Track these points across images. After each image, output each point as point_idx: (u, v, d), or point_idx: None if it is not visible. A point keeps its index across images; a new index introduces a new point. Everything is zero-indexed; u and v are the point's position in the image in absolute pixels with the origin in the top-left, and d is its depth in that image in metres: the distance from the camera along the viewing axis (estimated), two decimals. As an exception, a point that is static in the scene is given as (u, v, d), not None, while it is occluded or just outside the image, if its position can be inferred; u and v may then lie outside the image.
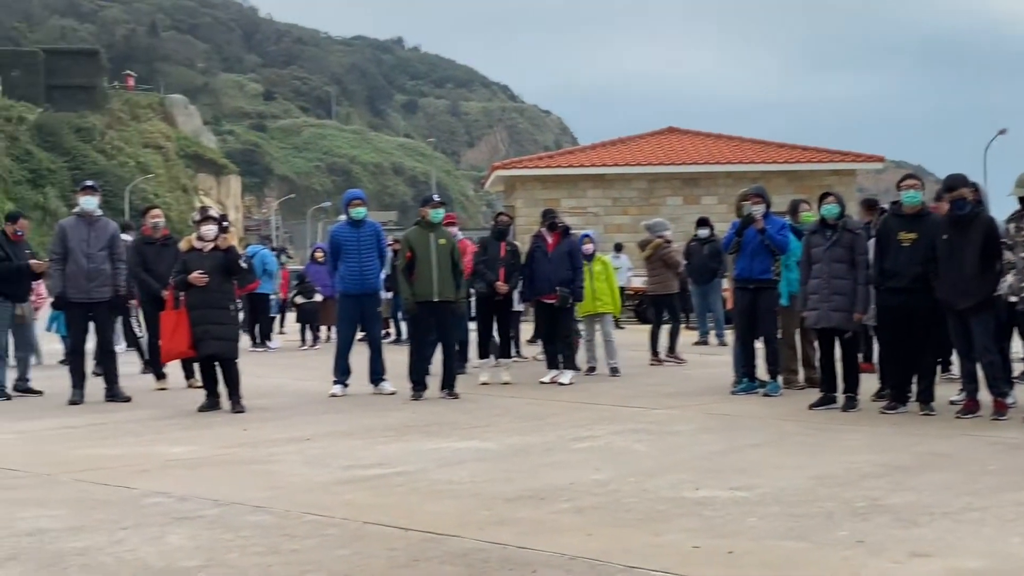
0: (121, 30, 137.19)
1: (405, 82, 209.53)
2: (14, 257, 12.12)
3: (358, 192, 12.53)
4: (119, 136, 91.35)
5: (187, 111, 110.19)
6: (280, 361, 17.05)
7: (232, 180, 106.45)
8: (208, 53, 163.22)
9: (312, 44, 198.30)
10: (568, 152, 35.27)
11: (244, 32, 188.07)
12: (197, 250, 10.75)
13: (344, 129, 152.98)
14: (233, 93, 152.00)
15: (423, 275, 11.35)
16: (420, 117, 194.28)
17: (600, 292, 13.63)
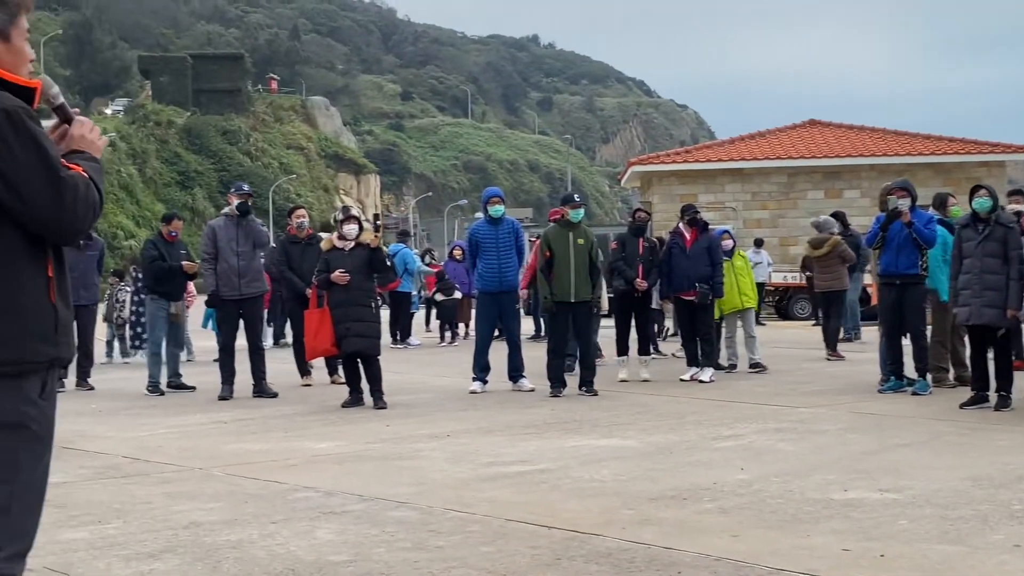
0: (264, 34, 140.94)
1: (540, 79, 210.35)
2: (169, 257, 12.59)
3: (496, 190, 12.59)
4: (263, 138, 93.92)
5: (328, 112, 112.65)
6: (420, 358, 17.27)
7: (371, 179, 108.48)
8: (348, 55, 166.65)
9: (448, 44, 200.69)
10: (706, 146, 34.89)
11: (383, 34, 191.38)
12: (339, 249, 10.95)
13: (480, 127, 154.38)
14: (372, 94, 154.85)
15: (561, 275, 11.37)
16: (555, 114, 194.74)
17: (743, 287, 13.53)
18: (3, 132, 2.89)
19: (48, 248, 3.02)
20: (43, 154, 2.92)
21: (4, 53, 3.06)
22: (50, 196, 2.91)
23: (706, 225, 12.94)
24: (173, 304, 12.85)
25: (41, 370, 3.01)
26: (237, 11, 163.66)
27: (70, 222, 2.97)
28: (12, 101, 2.94)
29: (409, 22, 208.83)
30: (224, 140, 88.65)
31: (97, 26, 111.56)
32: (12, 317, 2.94)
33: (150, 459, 7.82)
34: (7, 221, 2.92)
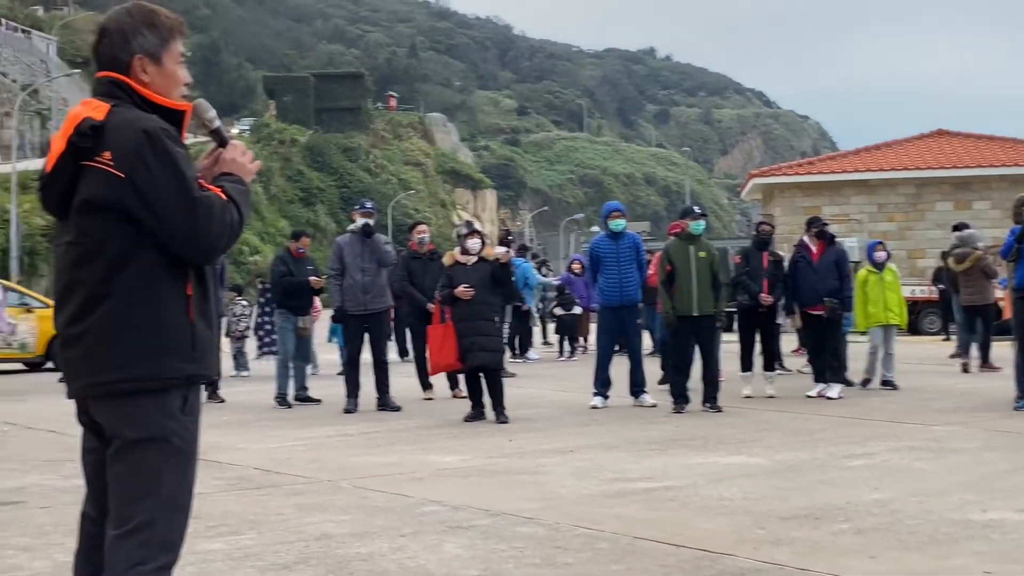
0: (384, 53, 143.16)
1: (657, 92, 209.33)
2: (296, 273, 12.86)
3: (617, 204, 12.54)
4: (382, 154, 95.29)
5: (445, 129, 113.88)
6: (540, 372, 17.27)
7: (488, 194, 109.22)
8: (465, 72, 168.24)
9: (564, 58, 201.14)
10: (829, 158, 34.23)
11: (499, 50, 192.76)
12: (462, 264, 11.03)
13: (596, 141, 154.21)
14: (488, 109, 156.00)
15: (683, 289, 11.26)
16: (672, 126, 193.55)
17: (891, 303, 13.21)
18: (142, 152, 2.97)
19: (189, 268, 3.10)
20: (179, 174, 2.99)
21: (156, 76, 3.15)
22: (184, 216, 2.98)
23: (833, 238, 12.68)
24: (300, 318, 13.10)
25: (181, 386, 3.08)
26: (357, 31, 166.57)
27: (204, 241, 3.03)
28: (154, 122, 3.03)
29: (525, 38, 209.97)
30: (345, 157, 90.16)
31: (224, 48, 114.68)
32: (151, 334, 3.02)
33: (280, 471, 7.96)
34: (149, 241, 3.00)
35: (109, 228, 2.99)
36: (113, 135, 2.98)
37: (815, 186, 30.24)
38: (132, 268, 3.00)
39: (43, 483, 7.68)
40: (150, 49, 3.15)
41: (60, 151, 3.03)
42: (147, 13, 3.18)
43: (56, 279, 3.16)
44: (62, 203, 3.08)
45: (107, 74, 3.14)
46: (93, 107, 3.04)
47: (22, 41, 75.34)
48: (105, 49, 3.15)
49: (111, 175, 2.97)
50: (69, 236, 3.07)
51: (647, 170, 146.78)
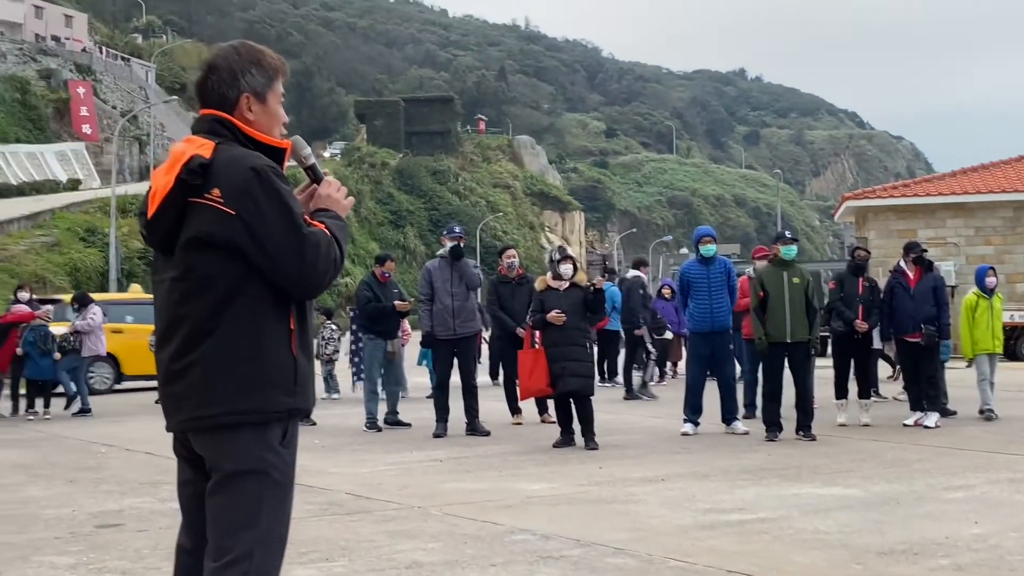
0: (473, 77, 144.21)
1: (747, 113, 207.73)
2: (383, 298, 12.96)
3: (708, 229, 12.43)
4: (471, 177, 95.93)
5: (533, 151, 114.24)
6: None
7: (576, 216, 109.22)
8: (553, 94, 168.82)
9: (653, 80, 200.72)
10: (925, 180, 33.51)
11: (587, 72, 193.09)
12: (554, 289, 11.01)
13: (685, 162, 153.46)
14: (576, 132, 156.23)
15: (776, 315, 11.10)
16: (763, 148, 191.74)
17: (997, 330, 12.90)
18: (252, 190, 3.01)
19: (291, 302, 3.13)
20: (287, 211, 3.03)
21: (260, 115, 3.21)
22: (293, 252, 3.02)
23: (931, 264, 12.41)
24: (389, 342, 13.20)
25: (282, 419, 3.11)
26: (447, 55, 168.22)
27: (311, 277, 3.06)
28: (261, 160, 3.07)
29: (614, 60, 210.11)
30: (434, 180, 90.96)
31: (317, 73, 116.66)
32: (256, 368, 3.05)
33: (371, 496, 8.00)
34: (254, 275, 3.04)
35: (217, 264, 3.03)
36: (222, 173, 3.03)
37: (910, 209, 29.65)
38: (238, 303, 3.04)
39: (140, 506, 7.83)
40: (256, 88, 3.20)
41: (167, 188, 3.07)
42: (255, 52, 3.24)
43: (158, 314, 3.20)
44: (167, 239, 3.12)
45: (211, 112, 3.20)
46: (198, 145, 3.09)
47: (122, 69, 77.42)
48: (213, 86, 3.20)
49: (221, 212, 3.01)
50: (174, 272, 3.11)
51: (737, 192, 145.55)
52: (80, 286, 35.91)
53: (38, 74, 66.67)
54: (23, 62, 66.88)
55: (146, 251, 41.83)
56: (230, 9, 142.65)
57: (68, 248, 40.07)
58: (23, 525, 7.18)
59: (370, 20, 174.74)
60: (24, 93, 62.86)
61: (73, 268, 38.28)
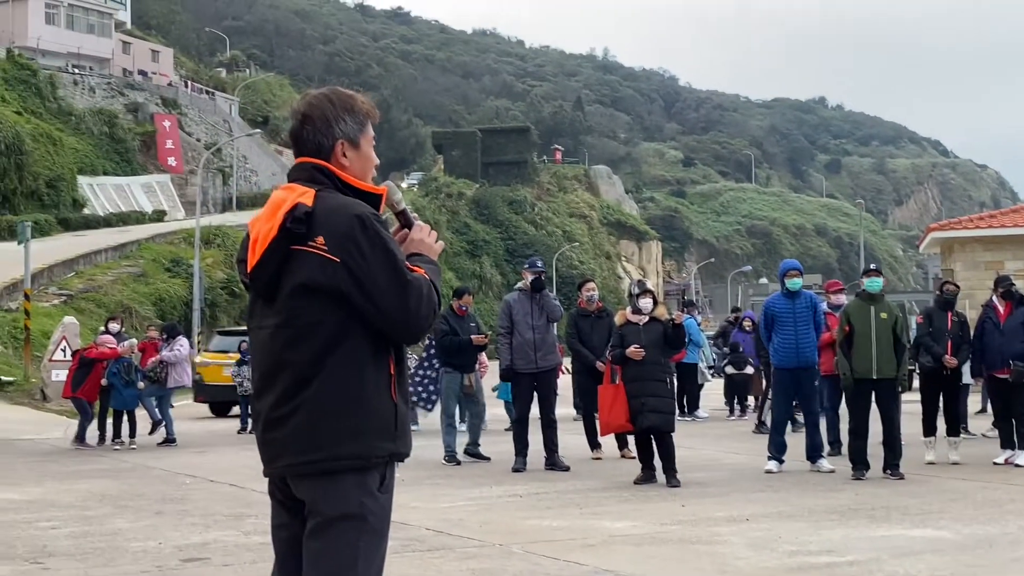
0: (549, 107, 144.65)
1: (828, 142, 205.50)
2: (460, 331, 12.96)
3: (794, 263, 12.25)
4: (547, 207, 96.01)
5: (610, 180, 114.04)
6: (710, 432, 16.96)
7: (653, 245, 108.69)
8: (630, 124, 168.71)
9: (731, 109, 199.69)
10: (1013, 211, 32.75)
11: (665, 101, 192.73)
12: (633, 323, 10.93)
13: (764, 191, 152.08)
14: (653, 161, 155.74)
15: (862, 351, 10.89)
16: (844, 176, 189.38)
17: None
18: (356, 236, 3.04)
19: (390, 347, 3.14)
20: (392, 258, 3.06)
21: (354, 160, 3.24)
22: (397, 298, 3.05)
23: (1022, 298, 12.10)
24: (466, 376, 13.20)
25: (382, 465, 3.12)
26: (524, 86, 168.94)
27: (414, 323, 3.09)
28: (363, 207, 3.10)
29: (691, 89, 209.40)
30: (510, 210, 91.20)
31: (395, 105, 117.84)
32: (357, 414, 3.07)
33: (452, 532, 7.98)
34: (356, 320, 3.07)
35: (321, 311, 3.07)
36: (325, 220, 3.06)
37: (997, 240, 28.99)
38: (341, 349, 3.07)
39: (225, 539, 7.89)
40: (351, 135, 3.24)
41: (271, 236, 3.10)
42: (347, 99, 3.28)
43: (258, 361, 3.22)
44: (269, 286, 3.15)
45: (309, 160, 3.23)
46: (300, 192, 3.13)
47: (207, 102, 78.97)
48: (308, 135, 3.24)
49: (325, 259, 3.05)
50: (277, 319, 3.14)
51: (818, 221, 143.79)
52: (165, 316, 36.54)
53: (125, 108, 68.24)
54: (111, 96, 68.54)
55: (229, 281, 42.50)
56: (311, 43, 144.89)
57: (153, 278, 40.83)
58: (110, 558, 7.28)
59: (448, 52, 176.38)
60: (112, 126, 64.36)
61: (158, 298, 38.98)
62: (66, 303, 33.84)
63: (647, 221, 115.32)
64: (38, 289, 32.64)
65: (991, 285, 12.76)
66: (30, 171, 51.49)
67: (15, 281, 31.56)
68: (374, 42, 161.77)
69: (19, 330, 28.10)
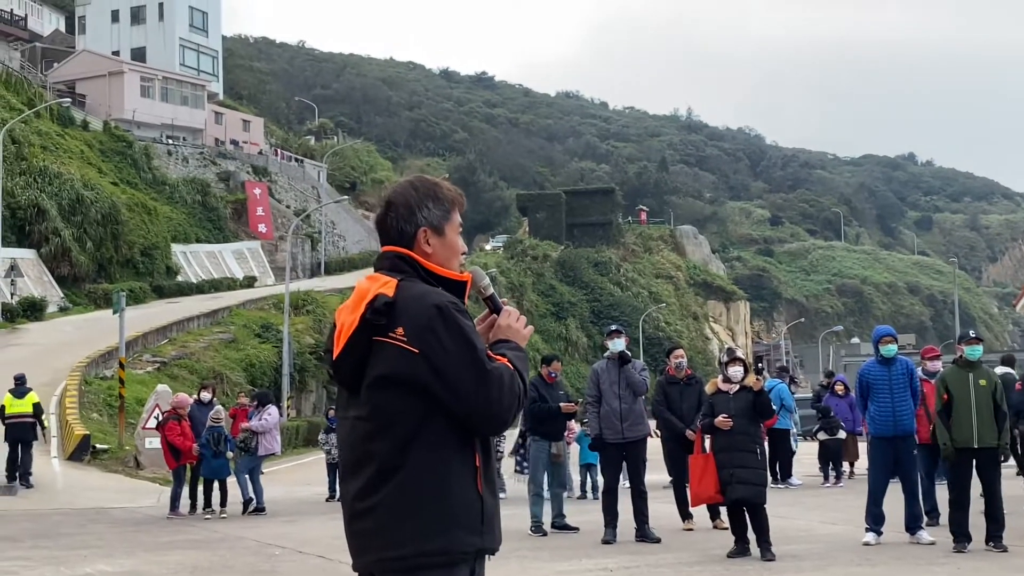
0: (633, 168, 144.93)
1: (918, 198, 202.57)
2: (549, 399, 12.87)
3: (889, 329, 11.97)
4: (632, 268, 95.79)
5: (696, 240, 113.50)
6: (804, 500, 16.57)
7: (741, 305, 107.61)
8: (715, 183, 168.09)
9: (818, 167, 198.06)
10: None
11: (750, 160, 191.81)
12: (724, 392, 10.75)
13: (854, 249, 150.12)
14: (739, 220, 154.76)
15: (962, 419, 10.56)
16: (935, 233, 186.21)
17: None
18: (435, 326, 3.01)
19: (476, 437, 3.08)
20: (471, 348, 3.01)
21: (439, 248, 3.21)
22: (478, 389, 3.00)
23: None
24: (554, 444, 13.08)
25: (469, 559, 3.05)
26: (608, 147, 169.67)
27: (497, 414, 3.03)
28: (443, 297, 3.07)
29: (777, 147, 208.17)
30: (596, 271, 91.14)
31: (480, 168, 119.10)
32: (442, 507, 3.02)
33: (541, 610, 7.84)
34: (439, 412, 3.02)
35: (403, 402, 3.03)
36: (405, 311, 3.04)
37: (1100, 298, 28.20)
38: (424, 441, 3.03)
39: (313, 615, 7.84)
40: (434, 222, 3.23)
41: (353, 327, 3.08)
42: (431, 186, 3.26)
43: (341, 452, 3.21)
44: (353, 377, 3.13)
45: (392, 249, 3.22)
46: (382, 283, 3.11)
47: (296, 169, 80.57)
48: (392, 222, 3.23)
49: (405, 351, 3.02)
50: (359, 411, 3.11)
51: (910, 279, 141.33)
52: (255, 381, 37.05)
53: (217, 176, 69.92)
54: (203, 165, 70.30)
55: (317, 346, 42.97)
56: (397, 109, 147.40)
57: (244, 344, 41.44)
58: (200, 634, 7.27)
59: (531, 115, 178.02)
60: (204, 195, 65.93)
61: (248, 364, 39.53)
62: (159, 370, 34.48)
63: (734, 281, 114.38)
64: (132, 356, 33.34)
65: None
66: (126, 240, 52.87)
67: (111, 349, 32.28)
68: (459, 107, 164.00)
69: (114, 398, 28.68)
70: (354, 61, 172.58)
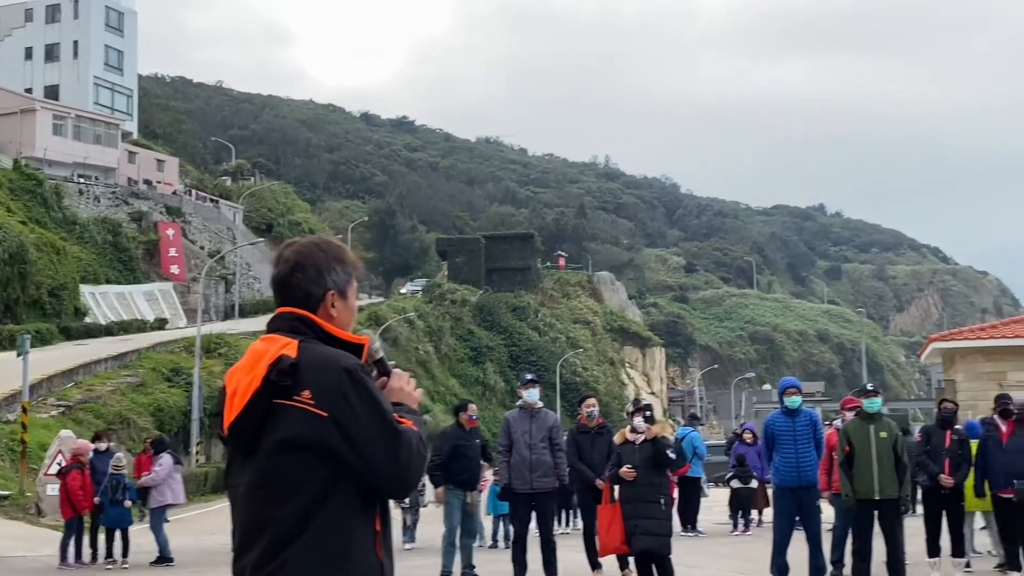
0: (552, 213, 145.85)
1: (828, 248, 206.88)
2: (469, 446, 12.85)
3: (793, 380, 12.17)
4: (551, 313, 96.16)
5: (613, 287, 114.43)
6: (713, 548, 16.70)
7: (656, 352, 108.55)
8: (632, 230, 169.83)
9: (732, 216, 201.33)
10: (1015, 321, 32.71)
11: (667, 208, 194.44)
12: (630, 442, 10.82)
13: (766, 297, 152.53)
14: (656, 267, 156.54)
15: (863, 470, 10.77)
16: (845, 283, 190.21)
17: None
18: (345, 390, 2.97)
19: (376, 502, 3.06)
20: (381, 412, 2.99)
21: (342, 311, 3.20)
22: (388, 452, 2.97)
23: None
24: (468, 494, 13.03)
25: None
26: (527, 193, 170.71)
27: (405, 477, 3.01)
28: (351, 360, 3.04)
29: (692, 196, 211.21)
30: (514, 316, 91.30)
31: (400, 211, 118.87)
32: (344, 573, 2.96)
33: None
34: (343, 476, 2.97)
35: (307, 467, 2.96)
36: (311, 373, 2.98)
37: (999, 351, 28.88)
38: (328, 507, 2.96)
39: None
40: (340, 285, 3.22)
41: (253, 389, 3.00)
42: (338, 249, 3.27)
43: (238, 518, 3.10)
44: (250, 442, 3.04)
45: (290, 310, 3.17)
46: (282, 344, 3.04)
47: (211, 210, 79.69)
48: (298, 283, 3.19)
49: (312, 414, 2.95)
50: (257, 476, 3.02)
51: (820, 327, 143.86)
52: (163, 426, 36.35)
53: (129, 216, 68.83)
54: (115, 205, 69.16)
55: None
56: (317, 151, 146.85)
57: (152, 388, 40.66)
58: None
59: (451, 160, 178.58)
60: (116, 235, 64.83)
61: (157, 408, 38.77)
62: (64, 414, 33.65)
63: (650, 327, 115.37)
64: (37, 400, 32.49)
65: (994, 397, 12.69)
66: (33, 280, 51.72)
67: (14, 392, 31.43)
68: (379, 150, 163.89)
69: (16, 442, 27.91)
70: (273, 102, 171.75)
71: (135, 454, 25.67)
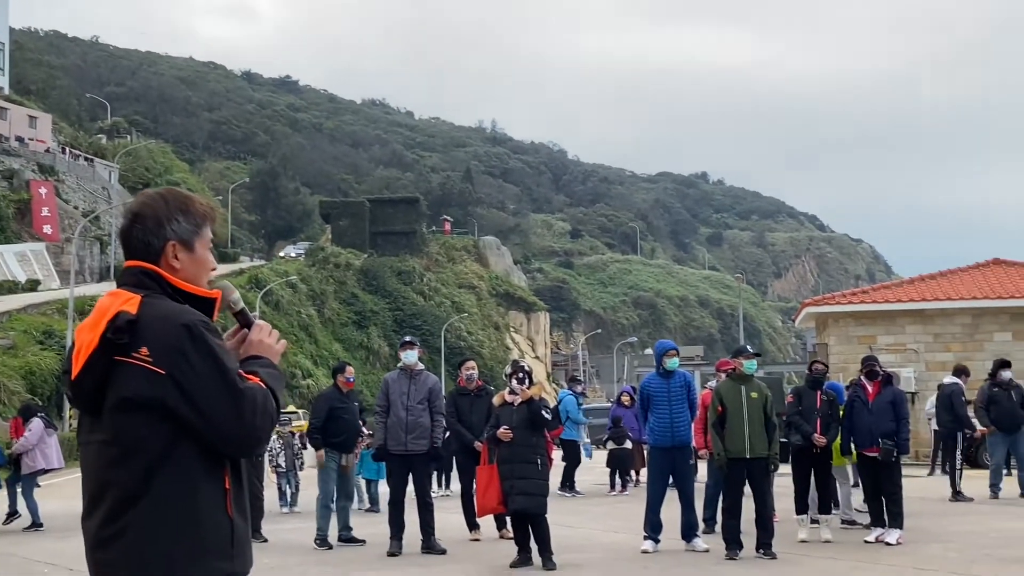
0: (438, 178, 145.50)
1: (710, 215, 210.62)
2: (348, 407, 12.77)
3: (671, 343, 12.31)
4: (436, 278, 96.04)
5: (499, 252, 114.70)
6: (589, 508, 16.92)
7: (541, 316, 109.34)
8: (519, 195, 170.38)
9: (617, 182, 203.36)
10: (884, 287, 33.80)
11: (553, 174, 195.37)
12: (507, 404, 10.86)
13: (649, 263, 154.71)
14: (542, 232, 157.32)
15: (735, 430, 11.00)
16: (725, 249, 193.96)
17: None
18: (183, 347, 2.88)
19: (225, 460, 2.99)
20: (222, 369, 2.90)
21: (188, 264, 3.09)
22: (229, 410, 2.89)
23: (890, 377, 12.38)
24: (344, 456, 12.95)
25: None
26: (413, 156, 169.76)
27: (248, 435, 2.93)
28: (192, 315, 2.95)
29: (578, 162, 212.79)
30: (399, 280, 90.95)
31: (282, 173, 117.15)
32: (191, 535, 2.90)
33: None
34: (186, 435, 2.90)
35: (148, 426, 2.88)
36: (149, 330, 2.90)
37: (869, 315, 29.83)
38: (170, 466, 2.89)
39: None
40: (184, 236, 3.10)
41: (92, 346, 2.91)
42: (182, 199, 3.15)
43: (85, 478, 3.03)
44: (93, 400, 2.96)
45: (136, 264, 3.08)
46: (124, 299, 2.95)
47: (85, 169, 77.41)
48: (137, 235, 3.09)
49: (150, 372, 2.87)
50: (102, 435, 2.95)
51: (701, 293, 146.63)
52: (35, 390, 35.38)
53: (0, 175, 66.55)
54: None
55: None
56: (196, 110, 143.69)
57: (24, 351, 39.50)
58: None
59: (336, 121, 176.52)
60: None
61: (29, 371, 37.70)
62: (-71, 377, 32.52)
63: (535, 292, 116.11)
64: (-100, 362, 31.30)
65: (861, 359, 13.06)
66: None
67: None
68: (261, 110, 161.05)
69: None
70: (151, 59, 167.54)
71: (6, 419, 24.92)
